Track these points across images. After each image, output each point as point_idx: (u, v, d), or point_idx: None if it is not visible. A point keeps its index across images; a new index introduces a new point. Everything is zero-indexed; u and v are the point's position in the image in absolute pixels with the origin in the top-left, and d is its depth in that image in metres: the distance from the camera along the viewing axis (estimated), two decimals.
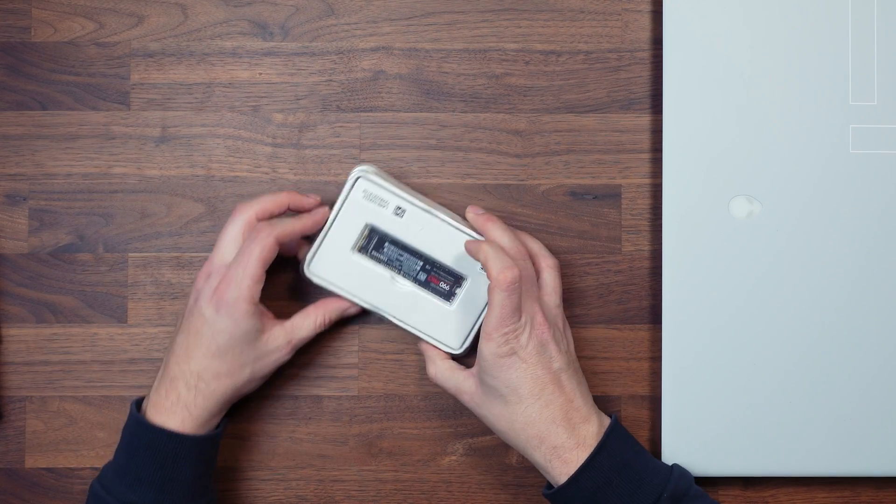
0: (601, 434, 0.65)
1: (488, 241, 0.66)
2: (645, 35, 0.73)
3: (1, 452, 0.72)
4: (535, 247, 0.70)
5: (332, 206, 0.69)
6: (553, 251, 0.72)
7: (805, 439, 0.70)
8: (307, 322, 0.68)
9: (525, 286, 0.65)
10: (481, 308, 0.69)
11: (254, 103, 0.72)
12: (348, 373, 0.72)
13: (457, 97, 0.73)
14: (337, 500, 0.72)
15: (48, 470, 0.72)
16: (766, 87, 0.70)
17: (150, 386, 0.71)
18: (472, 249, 0.66)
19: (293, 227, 0.67)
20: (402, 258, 0.69)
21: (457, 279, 0.69)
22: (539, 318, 0.65)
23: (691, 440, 0.70)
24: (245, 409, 0.72)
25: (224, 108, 0.72)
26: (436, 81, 0.73)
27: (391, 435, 0.72)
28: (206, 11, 0.72)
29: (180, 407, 0.65)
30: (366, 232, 0.69)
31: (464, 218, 0.70)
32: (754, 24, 0.70)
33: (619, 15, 0.73)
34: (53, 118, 0.72)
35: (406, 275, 0.69)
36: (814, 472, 0.71)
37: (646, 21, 0.73)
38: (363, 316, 0.71)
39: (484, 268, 0.64)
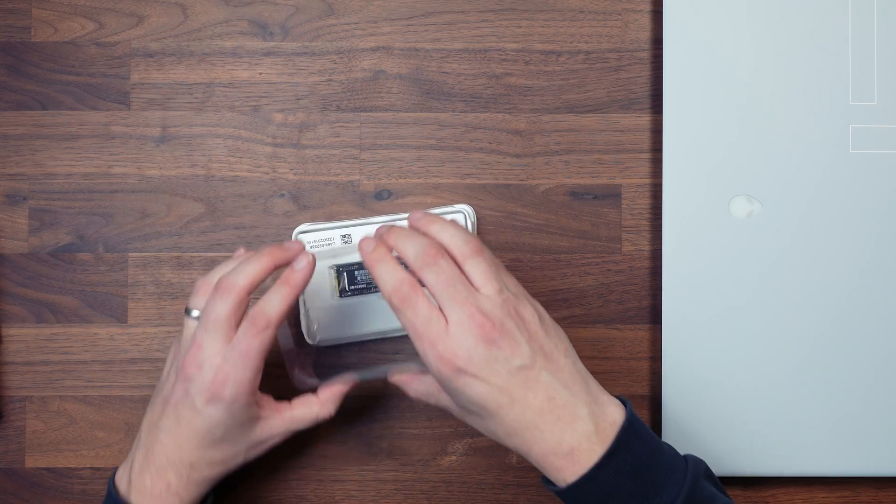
0: (599, 433, 0.56)
1: (375, 253, 0.59)
2: (645, 35, 0.73)
3: (1, 452, 0.72)
4: (446, 237, 0.59)
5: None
6: (553, 251, 0.72)
7: (805, 439, 0.70)
8: (308, 414, 0.65)
9: (441, 290, 0.57)
10: None
11: (254, 103, 0.72)
12: None
13: (457, 97, 0.73)
14: (337, 500, 0.72)
15: (48, 470, 0.72)
16: (767, 86, 0.70)
17: (150, 387, 0.71)
18: (365, 265, 0.59)
19: (285, 304, 0.60)
20: None
21: None
22: (475, 318, 0.56)
23: (691, 440, 0.70)
24: None
25: (224, 108, 0.72)
26: (436, 81, 0.73)
27: (391, 435, 0.72)
28: (206, 11, 0.72)
29: (171, 494, 0.61)
30: (333, 273, 0.69)
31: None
32: (754, 24, 0.70)
33: (619, 15, 0.73)
34: (53, 118, 0.72)
35: None
36: (814, 472, 0.71)
37: (646, 21, 0.73)
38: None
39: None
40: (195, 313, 0.62)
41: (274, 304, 0.60)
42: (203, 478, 0.62)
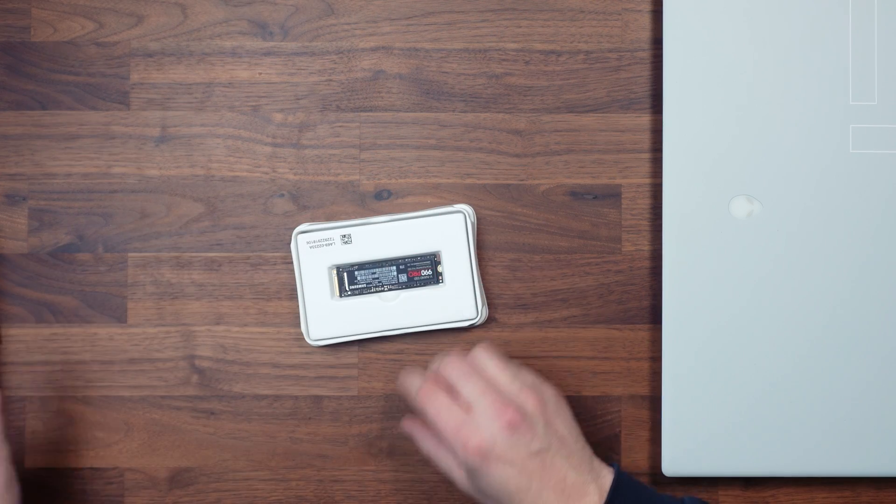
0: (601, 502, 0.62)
1: (402, 374, 0.66)
2: (645, 35, 0.73)
3: None
4: (461, 353, 0.66)
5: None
6: (553, 251, 0.72)
7: (805, 439, 0.70)
8: None
9: (462, 383, 0.62)
10: (469, 266, 0.70)
11: (254, 103, 0.72)
12: (348, 373, 0.72)
13: (457, 97, 0.72)
14: (337, 500, 0.72)
15: (48, 470, 0.72)
16: (767, 86, 0.70)
17: (150, 387, 0.71)
18: (399, 389, 0.66)
19: None
20: (375, 275, 0.71)
21: (432, 258, 0.70)
22: (496, 405, 0.61)
23: (691, 440, 0.70)
24: (245, 408, 0.72)
25: (224, 107, 0.72)
26: (436, 81, 0.73)
27: (391, 435, 0.72)
28: (206, 11, 0.72)
29: None
30: (333, 273, 0.70)
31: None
32: (755, 24, 0.70)
33: (619, 15, 0.73)
34: (53, 118, 0.72)
35: (390, 286, 0.71)
36: (814, 472, 0.71)
37: (646, 21, 0.73)
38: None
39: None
40: None
41: None
42: None
